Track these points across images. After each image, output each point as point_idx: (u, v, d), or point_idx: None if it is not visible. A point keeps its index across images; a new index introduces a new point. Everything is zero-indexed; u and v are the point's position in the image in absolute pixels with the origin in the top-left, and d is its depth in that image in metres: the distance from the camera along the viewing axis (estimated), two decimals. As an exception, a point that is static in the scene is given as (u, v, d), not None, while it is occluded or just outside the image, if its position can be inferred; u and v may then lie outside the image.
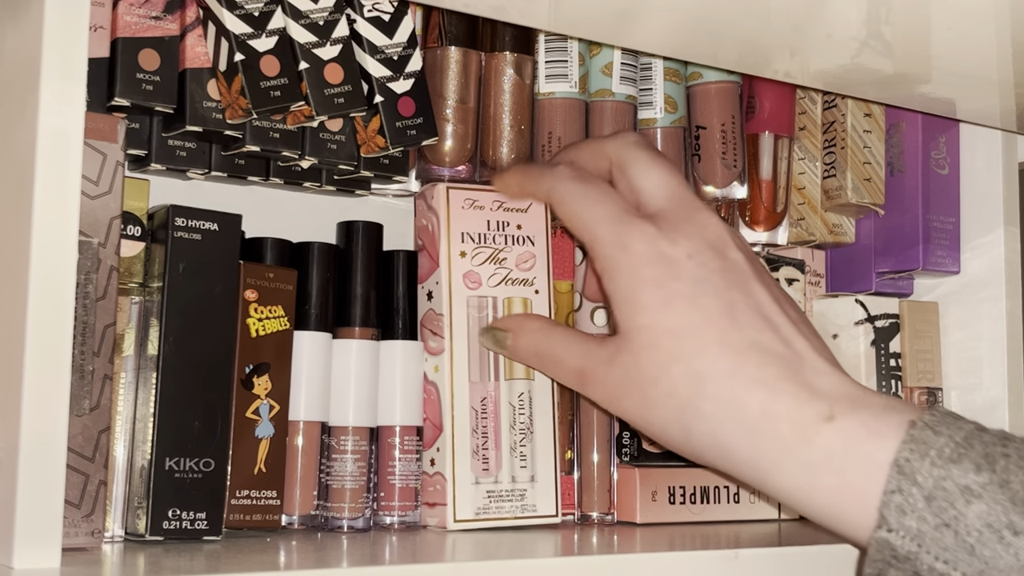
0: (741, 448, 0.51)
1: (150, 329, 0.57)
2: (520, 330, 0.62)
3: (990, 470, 0.45)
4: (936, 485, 0.45)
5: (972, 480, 0.45)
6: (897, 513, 0.46)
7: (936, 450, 0.46)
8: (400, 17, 0.64)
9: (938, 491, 0.45)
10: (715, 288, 0.54)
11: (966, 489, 0.45)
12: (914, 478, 0.46)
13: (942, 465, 0.46)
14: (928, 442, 0.46)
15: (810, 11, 0.60)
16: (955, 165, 0.86)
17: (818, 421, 0.49)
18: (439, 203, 0.65)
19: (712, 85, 0.76)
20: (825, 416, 0.49)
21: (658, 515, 0.71)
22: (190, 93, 0.60)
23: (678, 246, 0.55)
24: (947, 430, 0.47)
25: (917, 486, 0.46)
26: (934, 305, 0.85)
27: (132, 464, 0.57)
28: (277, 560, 0.52)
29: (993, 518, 0.44)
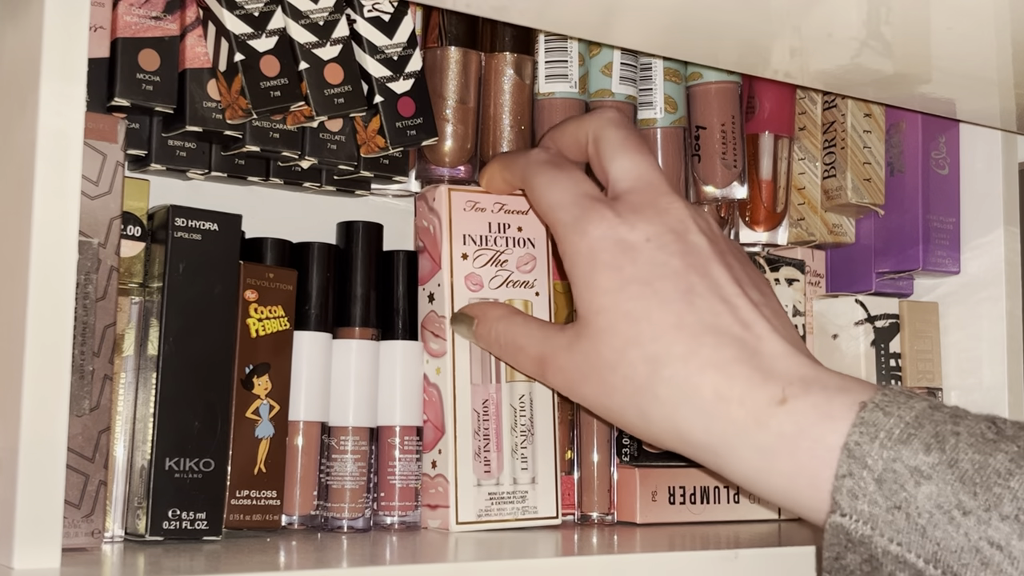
0: (696, 432, 0.51)
1: (150, 329, 0.57)
2: (484, 317, 0.62)
3: (939, 450, 0.45)
4: (886, 467, 0.45)
5: (922, 461, 0.45)
6: (849, 497, 0.46)
7: (885, 431, 0.46)
8: (400, 17, 0.64)
9: (888, 473, 0.45)
10: (673, 271, 0.53)
11: (915, 470, 0.44)
12: (864, 461, 0.46)
13: (891, 447, 0.45)
14: (878, 424, 0.46)
15: (810, 11, 0.60)
16: (955, 165, 0.86)
17: (771, 404, 0.49)
18: (441, 205, 0.65)
19: (712, 85, 0.76)
20: (778, 399, 0.49)
21: (658, 515, 0.71)
22: (190, 93, 0.60)
23: (636, 230, 0.55)
24: (897, 410, 0.47)
25: (867, 469, 0.45)
26: (934, 305, 0.85)
27: (132, 464, 0.57)
28: (277, 560, 0.52)
29: (943, 499, 0.44)
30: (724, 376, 0.51)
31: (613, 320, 0.53)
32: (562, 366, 0.56)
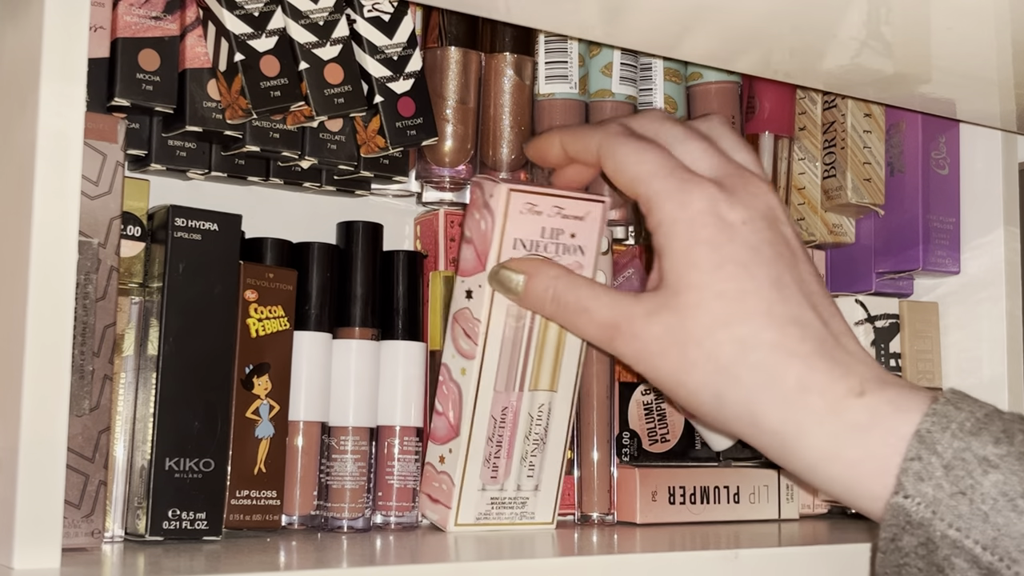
0: (772, 418, 0.52)
1: (150, 329, 0.57)
2: (538, 273, 0.60)
3: (1008, 443, 0.47)
4: (955, 455, 0.47)
5: (991, 451, 0.46)
6: (915, 480, 0.47)
7: (957, 423, 0.48)
8: (400, 17, 0.64)
9: (957, 461, 0.47)
10: (766, 259, 0.54)
11: (984, 460, 0.46)
12: (934, 447, 0.47)
13: (962, 437, 0.47)
14: (950, 416, 0.48)
15: (810, 11, 0.60)
16: (955, 165, 0.86)
17: (849, 396, 0.51)
18: (498, 204, 0.61)
19: (712, 85, 0.76)
20: (857, 392, 0.51)
21: (658, 515, 0.71)
22: (190, 93, 0.60)
23: (735, 210, 0.55)
24: (968, 407, 0.49)
25: (936, 455, 0.47)
26: (934, 305, 0.85)
27: (132, 464, 0.57)
28: (277, 560, 0.52)
29: (1009, 487, 0.46)
30: (807, 367, 0.52)
31: (705, 297, 0.53)
32: (637, 334, 0.55)
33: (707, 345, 0.53)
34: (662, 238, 0.55)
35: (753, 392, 0.52)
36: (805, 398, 0.51)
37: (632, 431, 0.71)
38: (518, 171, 0.70)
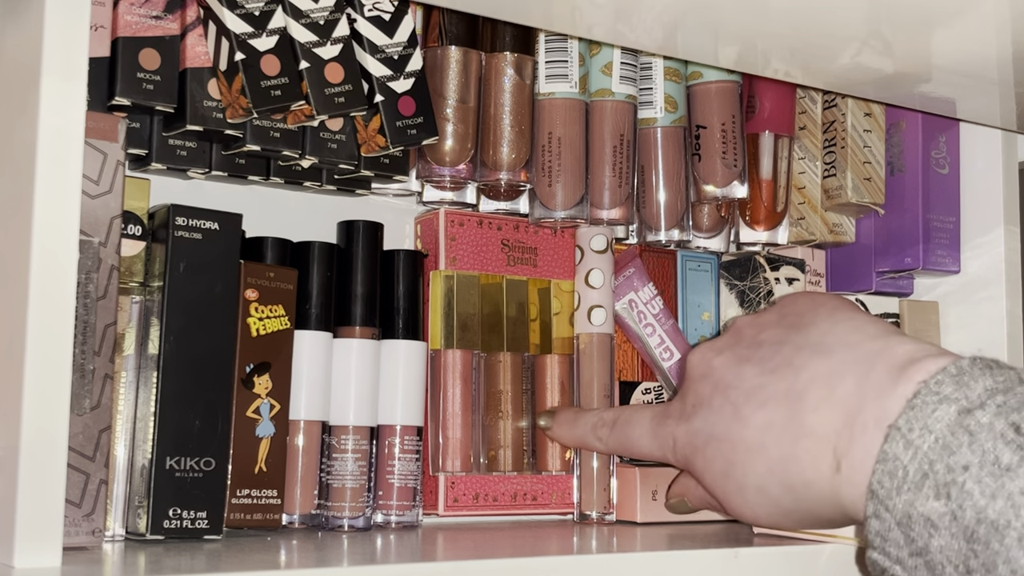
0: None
1: (151, 328, 0.57)
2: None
3: (946, 498, 0.45)
4: (904, 513, 0.46)
5: (933, 509, 0.45)
6: (878, 538, 0.47)
7: (902, 471, 0.46)
8: (400, 17, 0.64)
9: (904, 519, 0.45)
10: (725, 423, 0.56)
11: (928, 521, 0.45)
12: (886, 504, 0.46)
13: (908, 490, 0.46)
14: (897, 461, 0.46)
15: (810, 11, 0.61)
16: (955, 165, 0.86)
17: (833, 475, 0.52)
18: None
19: (712, 84, 0.76)
20: (834, 468, 0.51)
21: (658, 514, 0.71)
22: (190, 92, 0.60)
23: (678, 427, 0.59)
24: (918, 436, 0.46)
25: (889, 512, 0.46)
26: (934, 305, 0.85)
27: (133, 463, 0.57)
28: (278, 559, 0.52)
29: (951, 554, 0.44)
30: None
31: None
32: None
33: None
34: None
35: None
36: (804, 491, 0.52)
37: (632, 430, 0.71)
38: (518, 171, 0.70)
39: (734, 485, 0.55)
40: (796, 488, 0.52)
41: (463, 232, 0.70)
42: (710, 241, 0.79)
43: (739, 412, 0.54)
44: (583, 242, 0.73)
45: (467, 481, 0.69)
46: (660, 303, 0.76)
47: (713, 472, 0.56)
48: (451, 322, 0.69)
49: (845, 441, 0.49)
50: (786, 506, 0.53)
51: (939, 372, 0.47)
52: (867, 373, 0.50)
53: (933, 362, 0.48)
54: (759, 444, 0.53)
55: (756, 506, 0.54)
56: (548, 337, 0.72)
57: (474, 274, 0.70)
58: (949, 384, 0.46)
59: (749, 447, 0.53)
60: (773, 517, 0.55)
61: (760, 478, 0.53)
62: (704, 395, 0.57)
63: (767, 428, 0.53)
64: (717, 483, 0.56)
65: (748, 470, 0.54)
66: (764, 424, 0.53)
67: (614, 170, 0.72)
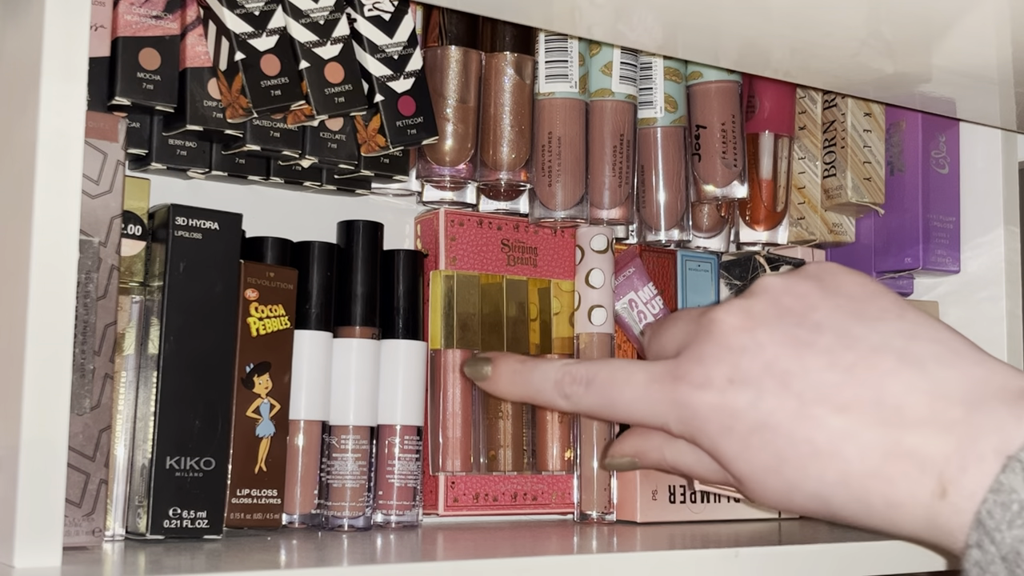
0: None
1: (151, 328, 0.57)
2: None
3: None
4: (1011, 548, 0.43)
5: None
6: (977, 570, 0.44)
7: (1019, 504, 0.44)
8: (400, 16, 0.65)
9: (1012, 554, 0.43)
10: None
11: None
12: (992, 535, 0.44)
13: (1020, 525, 0.44)
14: (1014, 492, 0.44)
15: (810, 11, 0.61)
16: (955, 164, 0.86)
17: (934, 500, 0.49)
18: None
19: (712, 84, 0.76)
20: (939, 494, 0.48)
21: (658, 514, 0.71)
22: (190, 92, 0.60)
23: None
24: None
25: (995, 544, 0.44)
26: (934, 305, 0.85)
27: (133, 463, 0.57)
28: (278, 559, 0.52)
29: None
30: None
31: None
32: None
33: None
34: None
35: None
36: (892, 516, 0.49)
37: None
38: (518, 171, 0.70)
39: (783, 484, 0.50)
40: (874, 505, 0.48)
41: (463, 232, 0.70)
42: (710, 241, 0.79)
43: (808, 409, 0.49)
44: (583, 242, 0.73)
45: (467, 481, 0.69)
46: (660, 303, 0.76)
47: (753, 464, 0.50)
48: (451, 322, 0.69)
49: (955, 468, 0.46)
50: (845, 515, 0.49)
51: None
52: (980, 402, 0.47)
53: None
54: (833, 452, 0.48)
55: (802, 507, 0.50)
56: (548, 337, 0.72)
57: (474, 274, 0.70)
58: None
59: (818, 451, 0.48)
60: (815, 514, 0.51)
61: (825, 487, 0.49)
62: (750, 373, 0.50)
63: (847, 437, 0.48)
64: (755, 475, 0.50)
65: (810, 475, 0.49)
66: (844, 431, 0.48)
67: (614, 170, 0.72)
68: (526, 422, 0.71)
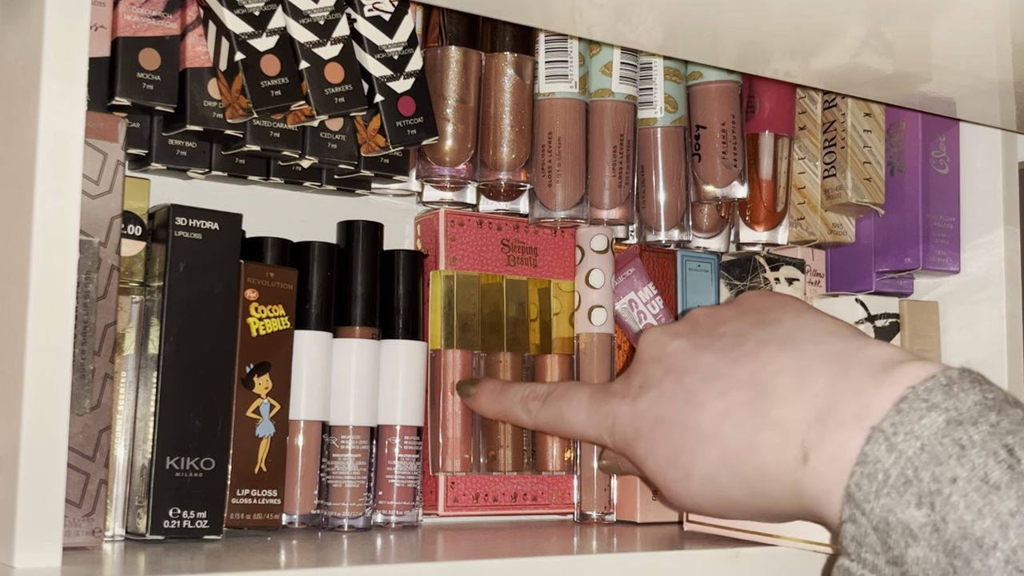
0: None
1: (151, 328, 0.57)
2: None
3: (929, 507, 0.44)
4: (881, 519, 0.45)
5: (912, 517, 0.44)
6: (853, 544, 0.46)
7: (883, 474, 0.45)
8: (400, 17, 0.65)
9: (882, 524, 0.45)
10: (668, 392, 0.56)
11: (907, 529, 0.44)
12: (862, 507, 0.45)
13: (887, 494, 0.45)
14: (879, 463, 0.45)
15: (810, 11, 0.61)
16: (955, 165, 0.86)
17: (797, 467, 0.51)
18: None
19: (712, 84, 0.76)
20: (800, 459, 0.50)
21: (658, 514, 0.71)
22: (190, 92, 0.60)
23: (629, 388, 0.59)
24: (903, 440, 0.45)
25: (865, 516, 0.45)
26: (934, 305, 0.85)
27: (133, 463, 0.57)
28: (278, 559, 0.52)
29: (928, 566, 0.44)
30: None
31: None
32: None
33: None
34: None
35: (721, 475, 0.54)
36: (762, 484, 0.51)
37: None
38: (518, 171, 0.70)
39: (680, 473, 0.53)
40: (751, 480, 0.51)
41: (463, 232, 0.70)
42: (710, 241, 0.79)
43: (694, 398, 0.53)
44: (583, 242, 0.73)
45: (467, 481, 0.69)
46: (660, 303, 0.76)
47: (657, 457, 0.54)
48: (451, 322, 0.69)
49: (816, 434, 0.48)
50: (735, 497, 0.52)
51: (928, 379, 0.46)
52: (844, 371, 0.49)
53: (920, 367, 0.47)
54: (713, 432, 0.52)
55: (701, 496, 0.53)
56: (548, 337, 0.72)
57: (474, 274, 0.70)
58: (939, 393, 0.45)
59: (702, 435, 0.52)
60: (718, 508, 0.53)
61: (711, 467, 0.52)
62: (654, 378, 0.55)
63: (724, 416, 0.52)
64: (660, 469, 0.54)
65: (698, 458, 0.52)
66: (721, 412, 0.52)
67: (614, 170, 0.72)
68: (526, 422, 0.71)
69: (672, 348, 0.56)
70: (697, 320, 0.57)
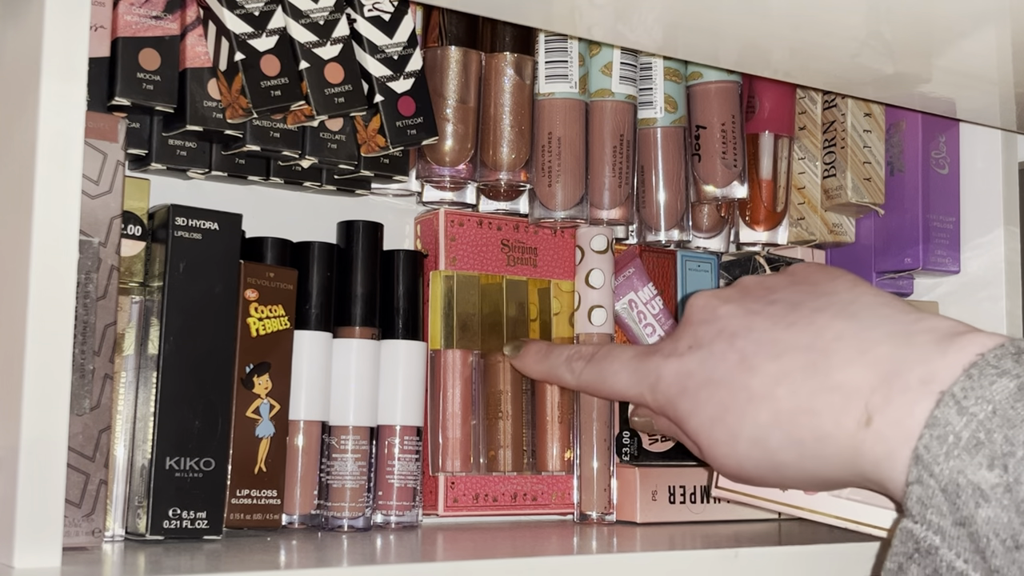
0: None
1: (150, 328, 0.57)
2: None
3: (1003, 469, 0.44)
4: (951, 480, 0.44)
5: (984, 478, 0.44)
6: (918, 505, 0.45)
7: (955, 436, 0.45)
8: (400, 17, 0.65)
9: (952, 486, 0.44)
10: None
11: (977, 489, 0.44)
12: (931, 469, 0.45)
13: (958, 455, 0.45)
14: (949, 425, 0.45)
15: (810, 11, 0.61)
16: (955, 165, 0.86)
17: (859, 429, 0.51)
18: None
19: (712, 85, 0.76)
20: (863, 421, 0.50)
21: (658, 515, 0.71)
22: (190, 93, 0.60)
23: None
24: (975, 403, 0.45)
25: (934, 477, 0.45)
26: (934, 305, 0.85)
27: (132, 463, 0.57)
28: (277, 559, 0.52)
29: (999, 527, 0.43)
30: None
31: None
32: None
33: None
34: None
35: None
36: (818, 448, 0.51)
37: (632, 430, 0.71)
38: (518, 171, 0.70)
39: (725, 433, 0.53)
40: (805, 442, 0.50)
41: (463, 232, 0.70)
42: (710, 241, 0.79)
43: (747, 360, 0.53)
44: (583, 242, 0.73)
45: (467, 481, 0.69)
46: (660, 303, 0.76)
47: (702, 417, 0.54)
48: (451, 322, 0.69)
49: (880, 397, 0.48)
50: (782, 459, 0.51)
51: (997, 348, 0.46)
52: (906, 340, 0.49)
53: (986, 337, 0.47)
54: (767, 394, 0.51)
55: (746, 457, 0.53)
56: (548, 337, 0.72)
57: (474, 274, 0.70)
58: (1009, 360, 0.45)
59: (753, 395, 0.52)
60: (761, 471, 0.53)
61: (760, 429, 0.52)
62: (704, 338, 0.55)
63: (780, 378, 0.51)
64: (703, 429, 0.54)
65: (747, 419, 0.52)
66: (777, 374, 0.51)
67: (614, 170, 0.72)
68: (526, 422, 0.71)
69: (724, 311, 0.55)
70: (748, 287, 0.57)
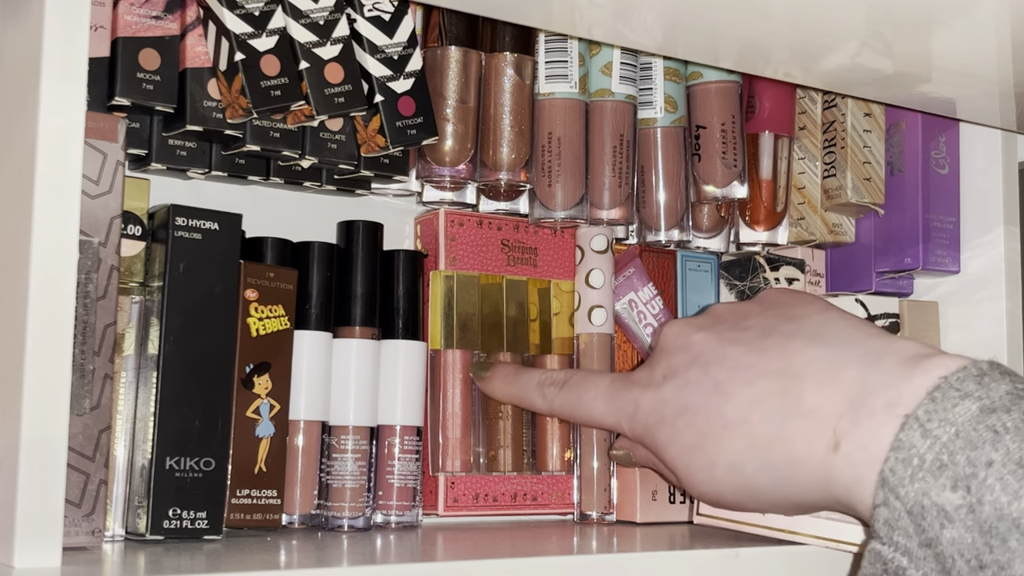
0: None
1: (150, 328, 0.57)
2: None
3: (965, 490, 0.44)
4: (916, 502, 0.45)
5: (947, 500, 0.44)
6: (885, 527, 0.46)
7: (919, 459, 0.46)
8: (400, 17, 0.65)
9: (917, 508, 0.45)
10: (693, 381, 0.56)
11: (941, 511, 0.44)
12: (897, 491, 0.46)
13: (922, 478, 0.45)
14: (913, 448, 0.46)
15: (810, 11, 0.61)
16: (955, 165, 0.86)
17: (827, 454, 0.52)
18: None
19: (712, 85, 0.76)
20: (832, 446, 0.51)
21: (658, 514, 0.71)
22: (190, 93, 0.60)
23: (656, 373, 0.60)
24: (937, 425, 0.46)
25: (899, 499, 0.45)
26: (934, 305, 0.85)
27: (132, 463, 0.57)
28: (277, 559, 0.52)
29: (963, 547, 0.44)
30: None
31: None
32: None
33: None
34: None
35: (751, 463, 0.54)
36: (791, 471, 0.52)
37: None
38: (518, 171, 0.70)
39: (703, 460, 0.54)
40: (778, 467, 0.51)
41: (463, 232, 0.70)
42: (710, 241, 0.79)
43: (721, 387, 0.53)
44: (583, 242, 0.73)
45: (467, 481, 0.69)
46: (660, 303, 0.76)
47: (680, 445, 0.55)
48: (451, 322, 0.69)
49: (848, 422, 0.49)
50: (759, 485, 0.52)
51: (960, 370, 0.47)
52: (874, 363, 0.50)
53: (950, 359, 0.48)
54: (742, 420, 0.52)
55: (723, 484, 0.53)
56: (548, 337, 0.72)
57: (474, 274, 0.70)
58: (971, 382, 0.46)
59: (729, 422, 0.53)
60: (739, 497, 0.54)
61: (737, 455, 0.52)
62: (679, 367, 0.56)
63: (753, 405, 0.52)
64: (681, 457, 0.55)
65: (723, 446, 0.53)
66: (750, 401, 0.52)
67: (614, 170, 0.72)
68: (526, 422, 0.71)
69: (697, 339, 0.56)
70: (720, 314, 0.58)
